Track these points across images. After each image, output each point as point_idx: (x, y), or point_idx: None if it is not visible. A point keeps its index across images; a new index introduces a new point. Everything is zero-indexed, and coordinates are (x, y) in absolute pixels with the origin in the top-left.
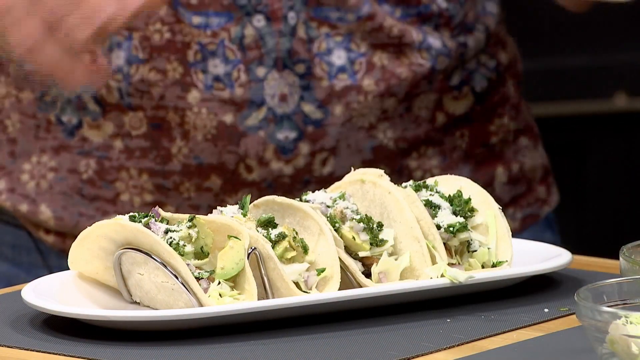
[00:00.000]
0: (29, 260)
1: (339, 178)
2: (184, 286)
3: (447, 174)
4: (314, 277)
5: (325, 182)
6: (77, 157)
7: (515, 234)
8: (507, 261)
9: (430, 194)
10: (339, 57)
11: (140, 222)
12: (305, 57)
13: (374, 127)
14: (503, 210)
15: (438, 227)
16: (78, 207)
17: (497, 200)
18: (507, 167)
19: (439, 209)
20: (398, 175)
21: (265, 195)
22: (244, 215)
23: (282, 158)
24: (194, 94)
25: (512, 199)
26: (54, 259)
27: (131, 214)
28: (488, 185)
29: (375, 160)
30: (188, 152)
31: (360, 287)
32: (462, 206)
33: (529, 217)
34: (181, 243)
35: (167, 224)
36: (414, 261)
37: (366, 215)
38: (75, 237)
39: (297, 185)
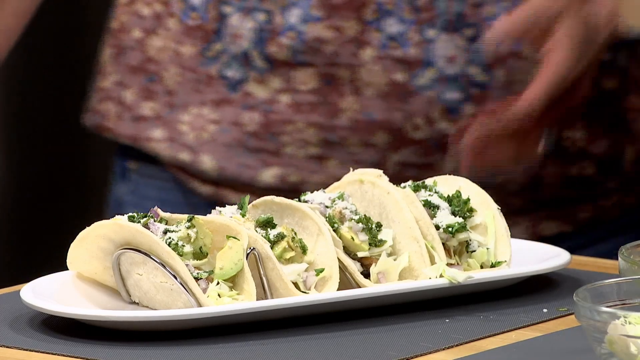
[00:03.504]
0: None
1: None
2: (183, 286)
3: None
4: (313, 277)
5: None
6: (239, 110)
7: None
8: (505, 261)
9: (429, 194)
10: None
11: (139, 222)
12: (472, 22)
13: None
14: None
15: (437, 227)
16: (241, 158)
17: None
18: None
19: (438, 209)
20: None
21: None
22: (243, 215)
23: (448, 118)
24: (368, 51)
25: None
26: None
27: (130, 214)
28: None
29: None
30: (358, 108)
31: (359, 287)
32: (461, 206)
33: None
34: (180, 243)
35: (166, 224)
36: (412, 261)
37: (365, 215)
38: (234, 188)
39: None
